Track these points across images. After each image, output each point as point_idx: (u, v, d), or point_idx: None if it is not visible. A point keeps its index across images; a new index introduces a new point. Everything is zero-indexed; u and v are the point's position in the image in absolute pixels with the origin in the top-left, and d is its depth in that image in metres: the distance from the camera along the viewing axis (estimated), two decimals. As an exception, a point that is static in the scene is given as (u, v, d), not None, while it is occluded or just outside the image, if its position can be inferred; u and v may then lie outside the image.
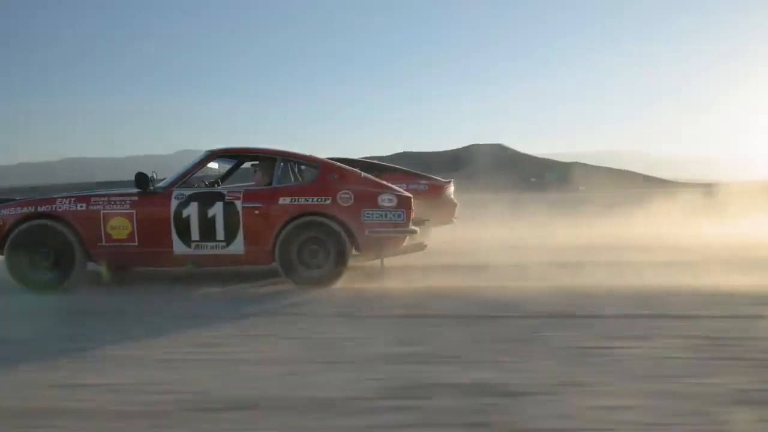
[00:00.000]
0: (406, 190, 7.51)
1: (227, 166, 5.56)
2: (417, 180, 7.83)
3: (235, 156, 5.16)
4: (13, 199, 4.66)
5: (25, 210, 4.39)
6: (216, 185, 5.26)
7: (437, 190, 7.81)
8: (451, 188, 8.02)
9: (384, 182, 4.91)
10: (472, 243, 7.66)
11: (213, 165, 5.20)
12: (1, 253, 4.38)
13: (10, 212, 4.38)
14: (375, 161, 8.38)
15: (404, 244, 4.76)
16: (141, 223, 4.41)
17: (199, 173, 5.16)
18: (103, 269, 4.51)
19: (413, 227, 4.70)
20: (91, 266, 4.52)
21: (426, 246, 5.38)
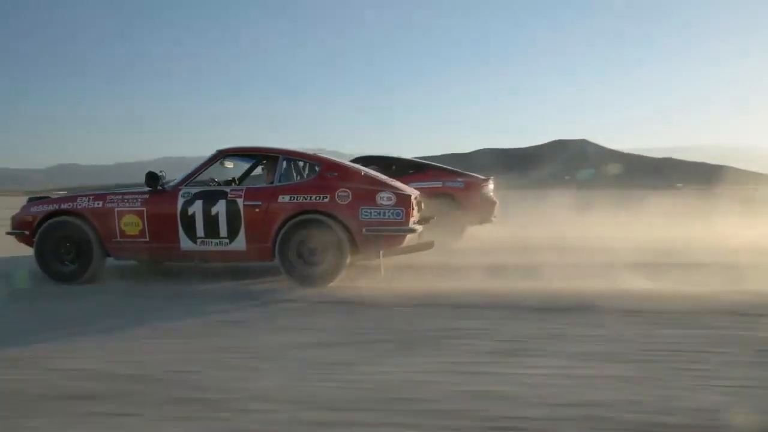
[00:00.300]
0: (442, 188, 7.44)
1: (246, 166, 5.72)
2: (454, 177, 7.70)
3: (242, 155, 5.29)
4: (47, 197, 5.07)
5: (51, 207, 4.78)
6: (233, 183, 5.43)
7: (474, 187, 7.63)
8: (490, 186, 7.81)
9: (386, 180, 4.84)
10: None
11: (229, 164, 5.36)
12: (32, 246, 4.78)
13: (39, 209, 4.79)
14: (414, 159, 8.30)
15: (405, 242, 4.66)
16: (151, 220, 4.65)
17: (218, 173, 5.37)
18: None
19: (413, 226, 4.60)
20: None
21: (434, 244, 5.28)
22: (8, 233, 4.95)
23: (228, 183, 5.41)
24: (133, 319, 3.57)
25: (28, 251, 4.84)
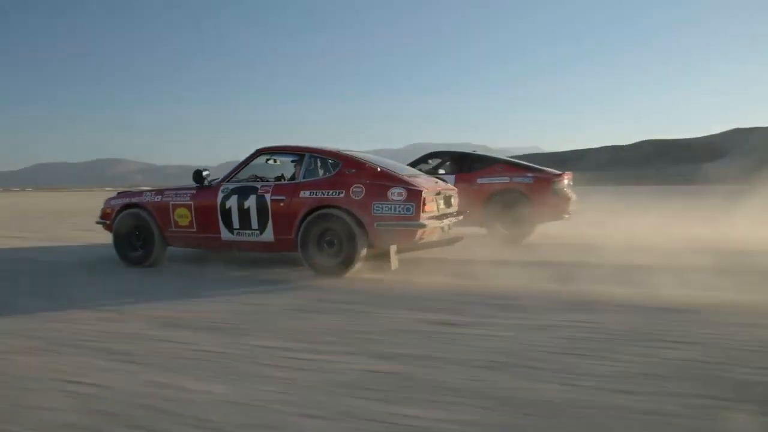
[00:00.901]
0: (509, 184, 7.18)
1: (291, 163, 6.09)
2: (523, 173, 7.38)
3: (278, 153, 5.63)
4: (129, 191, 5.96)
5: (124, 201, 5.62)
6: (281, 179, 5.85)
7: (544, 183, 7.23)
8: (564, 182, 7.34)
9: (401, 176, 4.87)
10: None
11: (271, 161, 5.76)
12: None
13: (116, 202, 5.66)
14: (484, 154, 8.09)
15: (419, 237, 4.66)
16: (197, 212, 5.24)
17: (271, 170, 5.83)
18: None
19: (423, 221, 4.58)
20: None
21: (462, 238, 5.22)
22: (96, 222, 5.92)
23: (278, 179, 5.83)
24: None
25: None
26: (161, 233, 5.40)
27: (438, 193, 5.03)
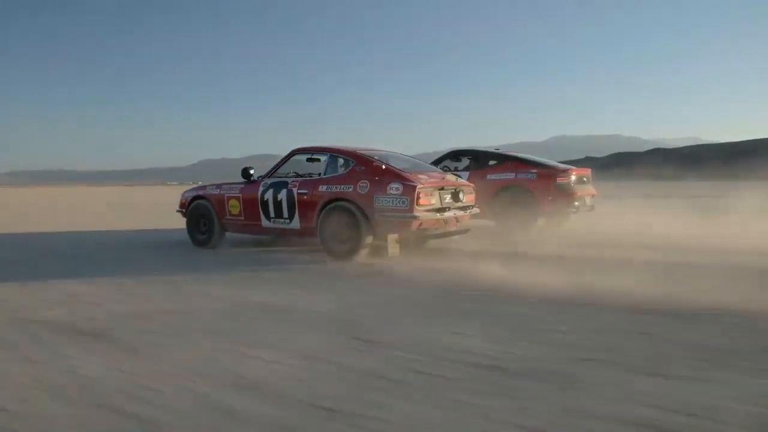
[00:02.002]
0: (514, 180, 7.47)
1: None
2: (528, 169, 7.70)
3: (308, 152, 6.46)
4: (198, 185, 7.24)
5: (194, 193, 6.90)
6: (319, 176, 6.74)
7: (547, 179, 7.48)
8: (570, 177, 7.52)
9: (401, 172, 5.51)
10: None
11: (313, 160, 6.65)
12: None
13: (189, 194, 6.96)
14: (498, 151, 8.41)
15: (415, 227, 5.28)
16: (244, 203, 6.33)
17: (313, 167, 6.75)
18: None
19: (416, 213, 5.20)
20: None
21: (468, 230, 5.79)
22: (176, 211, 7.27)
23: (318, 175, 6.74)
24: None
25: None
26: (219, 220, 6.58)
27: (442, 188, 5.60)
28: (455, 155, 8.59)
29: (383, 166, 5.58)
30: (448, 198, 5.69)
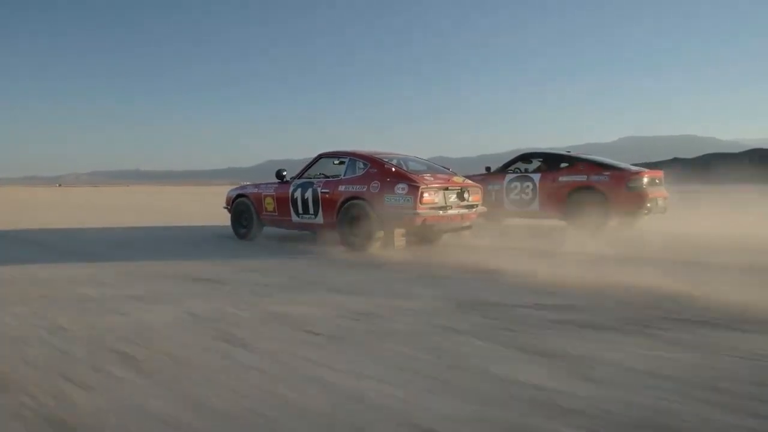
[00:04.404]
0: (586, 182, 7.72)
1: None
2: (600, 171, 7.93)
3: (332, 156, 7.11)
4: (241, 186, 8.13)
5: (237, 192, 7.78)
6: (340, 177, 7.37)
7: (619, 181, 7.68)
8: (643, 179, 7.71)
9: (408, 174, 6.05)
10: None
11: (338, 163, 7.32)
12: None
13: (232, 193, 7.87)
14: (569, 153, 8.65)
15: (418, 222, 5.81)
16: (277, 201, 7.11)
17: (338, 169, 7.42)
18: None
19: (418, 211, 5.72)
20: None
21: (470, 227, 6.27)
22: (223, 207, 8.19)
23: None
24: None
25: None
26: (257, 215, 7.41)
27: (446, 188, 6.09)
28: (526, 158, 8.99)
29: (393, 169, 6.15)
30: (453, 197, 6.16)
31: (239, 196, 7.72)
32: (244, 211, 7.61)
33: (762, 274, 4.57)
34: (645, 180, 7.74)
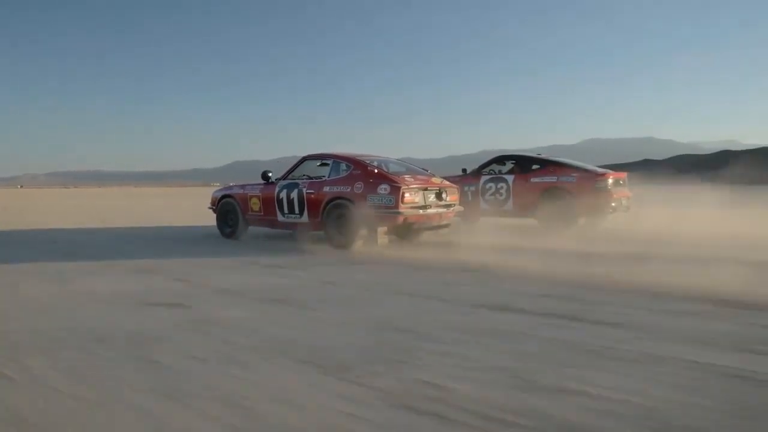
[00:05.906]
0: (556, 183, 8.14)
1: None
2: (568, 173, 8.35)
3: (317, 158, 7.37)
4: (226, 186, 8.34)
5: (222, 192, 8.01)
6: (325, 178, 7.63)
7: (586, 182, 8.11)
8: (608, 181, 8.14)
9: (390, 175, 6.36)
10: None
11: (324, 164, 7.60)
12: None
13: (218, 193, 8.09)
14: (541, 156, 9.05)
15: (400, 221, 6.12)
16: (263, 201, 7.36)
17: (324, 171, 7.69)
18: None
19: (399, 210, 6.04)
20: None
21: (449, 225, 6.62)
22: (208, 208, 8.39)
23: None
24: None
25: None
26: (243, 215, 7.65)
27: (426, 189, 6.42)
28: (500, 160, 9.40)
29: (376, 170, 6.45)
30: (431, 197, 6.50)
31: (225, 196, 7.94)
32: (230, 211, 7.83)
33: (694, 263, 4.97)
34: (610, 181, 8.20)
